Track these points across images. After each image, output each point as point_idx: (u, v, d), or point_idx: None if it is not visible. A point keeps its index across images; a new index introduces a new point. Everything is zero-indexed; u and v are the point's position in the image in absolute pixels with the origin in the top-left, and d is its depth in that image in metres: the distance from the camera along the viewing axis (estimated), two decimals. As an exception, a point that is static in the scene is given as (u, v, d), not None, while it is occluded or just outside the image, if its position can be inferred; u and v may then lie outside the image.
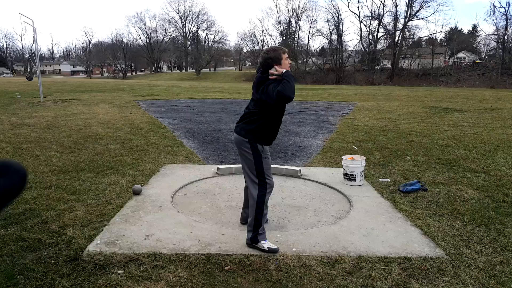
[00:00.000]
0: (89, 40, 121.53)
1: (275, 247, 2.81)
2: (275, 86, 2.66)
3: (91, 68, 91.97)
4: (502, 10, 56.51)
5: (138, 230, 3.10)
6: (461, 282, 2.46)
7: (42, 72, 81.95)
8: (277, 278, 2.46)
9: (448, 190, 4.40)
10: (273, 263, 2.63)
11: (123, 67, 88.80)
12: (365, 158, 4.68)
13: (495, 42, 56.11)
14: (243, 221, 3.33)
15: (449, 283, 2.45)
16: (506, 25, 51.83)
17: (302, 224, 3.40)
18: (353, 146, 6.78)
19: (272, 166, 4.89)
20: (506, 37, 52.20)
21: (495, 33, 55.34)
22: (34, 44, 13.83)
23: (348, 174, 4.52)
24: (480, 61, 56.60)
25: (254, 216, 2.84)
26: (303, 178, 4.80)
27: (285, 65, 2.79)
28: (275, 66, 2.77)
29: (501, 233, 3.23)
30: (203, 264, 2.60)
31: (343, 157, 4.75)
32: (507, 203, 3.98)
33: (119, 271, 2.48)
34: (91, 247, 2.77)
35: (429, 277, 2.51)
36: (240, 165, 4.71)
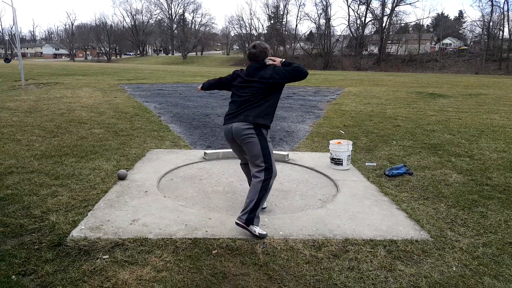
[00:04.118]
0: (71, 22, 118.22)
1: (264, 232, 2.79)
2: (280, 68, 2.95)
3: (74, 51, 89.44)
4: (488, -4, 57.00)
5: (123, 215, 3.05)
6: (445, 264, 2.51)
7: (24, 55, 79.30)
8: (264, 261, 2.46)
9: (433, 174, 4.46)
10: (260, 246, 2.63)
11: (107, 50, 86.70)
12: (352, 142, 4.70)
13: (481, 28, 56.74)
14: None
15: (434, 264, 2.49)
16: (492, 11, 52.42)
17: (289, 208, 3.41)
18: (340, 131, 6.80)
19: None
20: (491, 23, 52.82)
21: (481, 19, 55.92)
22: (14, 26, 13.31)
23: (335, 158, 4.54)
24: (465, 47, 57.24)
25: (257, 198, 2.78)
26: (290, 163, 4.79)
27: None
28: (269, 57, 3.06)
29: (484, 215, 3.30)
30: (190, 248, 2.58)
31: (330, 141, 4.75)
32: (490, 186, 4.07)
33: (104, 256, 2.44)
34: (75, 233, 2.72)
35: (414, 259, 2.55)
36: (227, 150, 4.80)
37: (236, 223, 2.80)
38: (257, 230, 2.77)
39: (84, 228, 2.80)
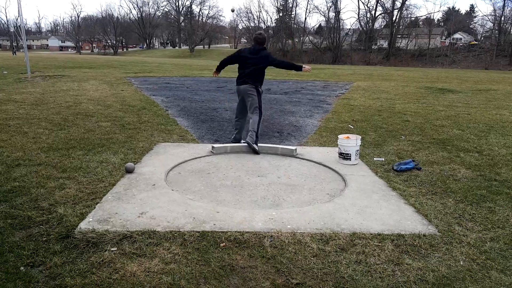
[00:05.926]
0: (77, 14, 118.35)
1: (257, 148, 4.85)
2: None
3: (80, 44, 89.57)
4: (501, -10, 56.00)
5: (131, 208, 3.07)
6: (452, 258, 2.49)
7: (29, 47, 79.70)
8: (272, 254, 2.46)
9: (442, 169, 4.42)
10: (268, 240, 2.63)
11: (114, 42, 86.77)
12: (360, 137, 4.66)
13: (492, 23, 55.81)
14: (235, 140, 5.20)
15: (441, 259, 2.48)
16: (504, 5, 51.47)
17: (297, 202, 3.40)
18: (349, 126, 6.76)
19: (267, 145, 5.00)
20: (502, 18, 51.93)
21: (492, 13, 54.97)
22: (19, 17, 13.35)
23: (343, 153, 4.51)
24: (475, 43, 56.35)
25: (257, 128, 4.88)
26: (298, 158, 4.77)
27: None
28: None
29: (492, 211, 3.27)
30: (198, 241, 2.59)
31: (338, 136, 4.73)
32: (499, 182, 4.02)
33: (112, 249, 2.45)
34: (83, 225, 2.74)
35: (421, 253, 2.53)
36: (235, 144, 5.15)
37: (247, 142, 4.80)
38: (256, 147, 4.80)
39: (92, 220, 2.82)
